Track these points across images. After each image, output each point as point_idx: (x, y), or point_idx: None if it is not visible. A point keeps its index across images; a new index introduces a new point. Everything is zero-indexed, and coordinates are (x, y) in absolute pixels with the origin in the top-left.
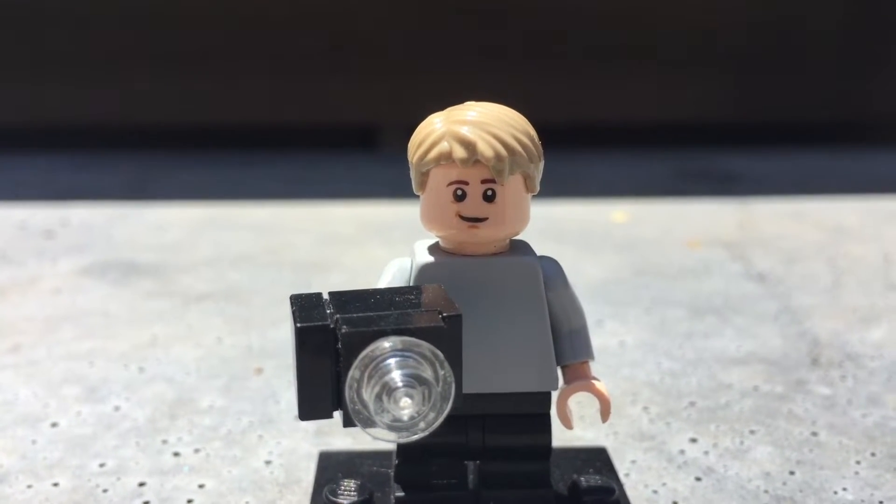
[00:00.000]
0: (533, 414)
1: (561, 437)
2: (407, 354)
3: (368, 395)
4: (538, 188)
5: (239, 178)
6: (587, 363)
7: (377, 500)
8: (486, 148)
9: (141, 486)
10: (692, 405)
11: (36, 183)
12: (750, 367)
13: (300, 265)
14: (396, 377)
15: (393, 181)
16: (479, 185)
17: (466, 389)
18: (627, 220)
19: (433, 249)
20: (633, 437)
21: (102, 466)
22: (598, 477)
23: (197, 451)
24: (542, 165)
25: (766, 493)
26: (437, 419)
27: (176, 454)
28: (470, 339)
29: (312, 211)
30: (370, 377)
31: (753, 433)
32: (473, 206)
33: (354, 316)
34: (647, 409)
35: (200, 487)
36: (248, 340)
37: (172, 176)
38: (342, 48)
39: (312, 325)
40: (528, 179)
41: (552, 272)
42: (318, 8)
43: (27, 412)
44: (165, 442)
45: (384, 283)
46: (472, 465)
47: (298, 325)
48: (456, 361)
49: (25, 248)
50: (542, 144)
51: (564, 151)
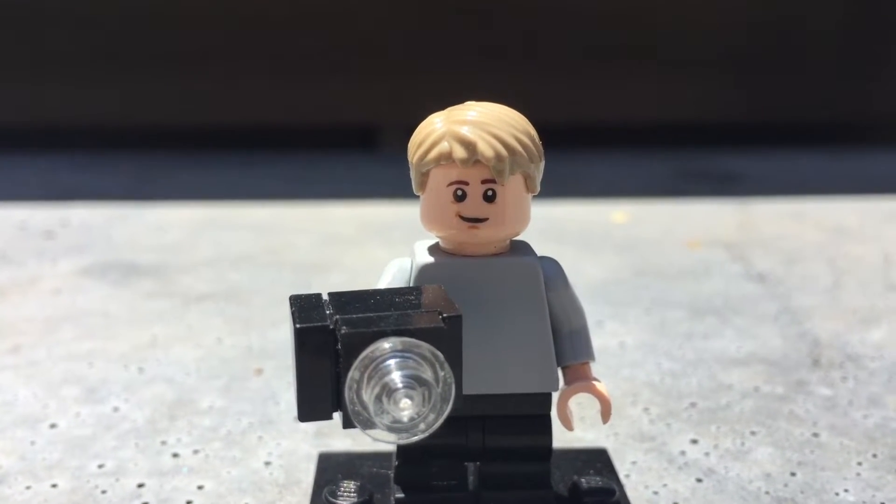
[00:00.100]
0: (533, 415)
1: (561, 438)
2: (407, 355)
3: (368, 396)
4: (538, 188)
5: (239, 178)
6: (588, 364)
7: (377, 501)
8: (486, 148)
9: (140, 487)
10: (693, 406)
11: (36, 183)
12: (750, 367)
13: (300, 265)
14: (396, 378)
15: (393, 181)
16: (479, 185)
17: (466, 390)
18: (627, 220)
19: (433, 250)
20: (633, 437)
21: (101, 467)
22: (598, 478)
23: (196, 451)
24: (542, 165)
25: (766, 494)
26: (437, 420)
27: (175, 455)
28: (470, 339)
29: (312, 211)
30: (370, 378)
31: (754, 434)
32: (474, 206)
33: (354, 317)
34: (647, 409)
35: (200, 488)
36: (247, 341)
37: (172, 176)
38: (342, 48)
39: (312, 325)
40: (528, 180)
41: (552, 272)
42: (318, 8)
43: (26, 413)
44: (165, 443)
45: (384, 283)
46: (472, 466)
47: (298, 325)
48: (456, 362)
49: (25, 248)
50: (542, 144)
51: (564, 151)
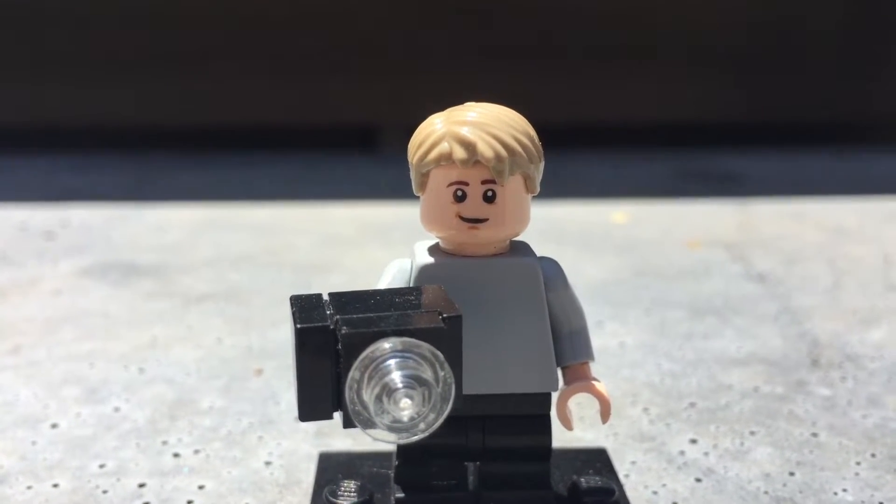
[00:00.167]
0: (533, 415)
1: (561, 437)
2: (407, 355)
3: (368, 396)
4: (538, 189)
5: (239, 178)
6: (587, 364)
7: (377, 501)
8: (486, 148)
9: (141, 487)
10: (692, 406)
11: (36, 183)
12: (750, 367)
13: (300, 266)
14: (396, 378)
15: (393, 182)
16: (479, 185)
17: (466, 390)
18: (627, 220)
19: (433, 250)
20: (633, 437)
21: (102, 467)
22: (598, 478)
23: (197, 451)
24: (542, 166)
25: (766, 494)
26: (437, 420)
27: (176, 455)
28: (470, 339)
29: (312, 211)
30: (370, 378)
31: (753, 434)
32: (473, 206)
33: (354, 317)
34: (647, 409)
35: (200, 488)
36: (248, 341)
37: (172, 176)
38: (342, 48)
39: (312, 325)
40: (528, 180)
41: (552, 273)
42: (318, 8)
43: (27, 413)
44: (165, 443)
45: (384, 283)
46: (472, 466)
47: (298, 325)
48: (456, 362)
49: (25, 249)
50: (542, 145)
51: (564, 151)
